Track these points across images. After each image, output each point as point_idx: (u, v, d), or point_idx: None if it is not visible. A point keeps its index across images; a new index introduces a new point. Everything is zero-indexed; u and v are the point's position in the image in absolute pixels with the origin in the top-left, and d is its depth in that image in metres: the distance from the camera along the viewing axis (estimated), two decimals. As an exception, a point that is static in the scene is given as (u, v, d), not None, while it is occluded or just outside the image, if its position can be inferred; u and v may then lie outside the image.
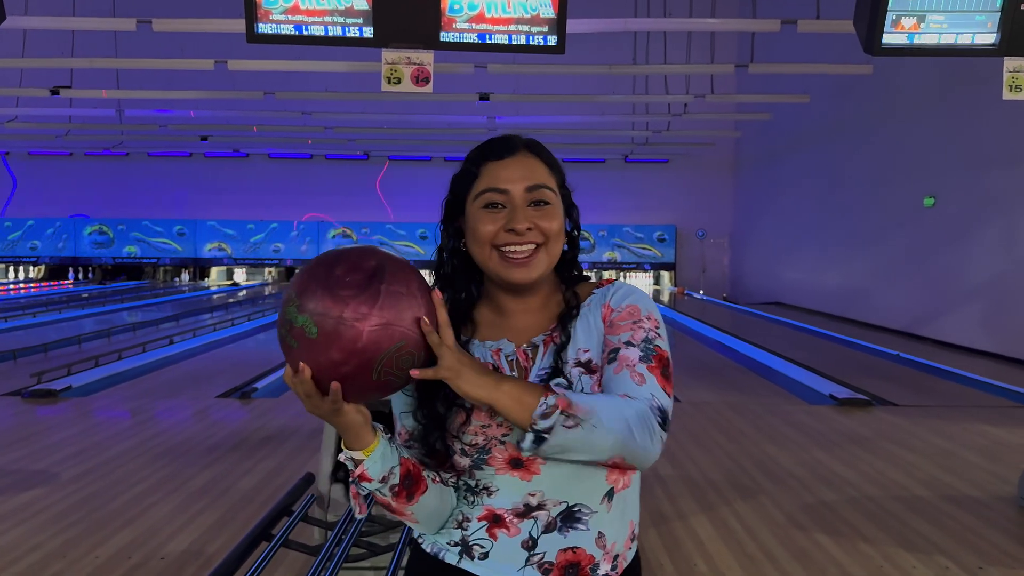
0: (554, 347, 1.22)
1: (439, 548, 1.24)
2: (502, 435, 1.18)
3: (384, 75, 4.76)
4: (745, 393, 7.11)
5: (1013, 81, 4.92)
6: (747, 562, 3.24)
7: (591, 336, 1.23)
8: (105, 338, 10.28)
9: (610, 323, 1.23)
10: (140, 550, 3.28)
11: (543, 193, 1.23)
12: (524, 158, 1.25)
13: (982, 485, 4.33)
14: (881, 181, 12.86)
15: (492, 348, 1.25)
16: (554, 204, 1.24)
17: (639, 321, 1.21)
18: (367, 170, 22.67)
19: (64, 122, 17.21)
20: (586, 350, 1.22)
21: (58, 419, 5.79)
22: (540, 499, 1.18)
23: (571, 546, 1.18)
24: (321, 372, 1.05)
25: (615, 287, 1.29)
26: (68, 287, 21.07)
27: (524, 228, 1.19)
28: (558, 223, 1.23)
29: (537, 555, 1.18)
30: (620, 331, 1.21)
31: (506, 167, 1.23)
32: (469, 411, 1.19)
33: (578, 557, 1.18)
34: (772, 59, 12.81)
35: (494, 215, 1.21)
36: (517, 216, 1.20)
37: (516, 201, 1.21)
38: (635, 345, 1.18)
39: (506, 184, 1.22)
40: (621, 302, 1.25)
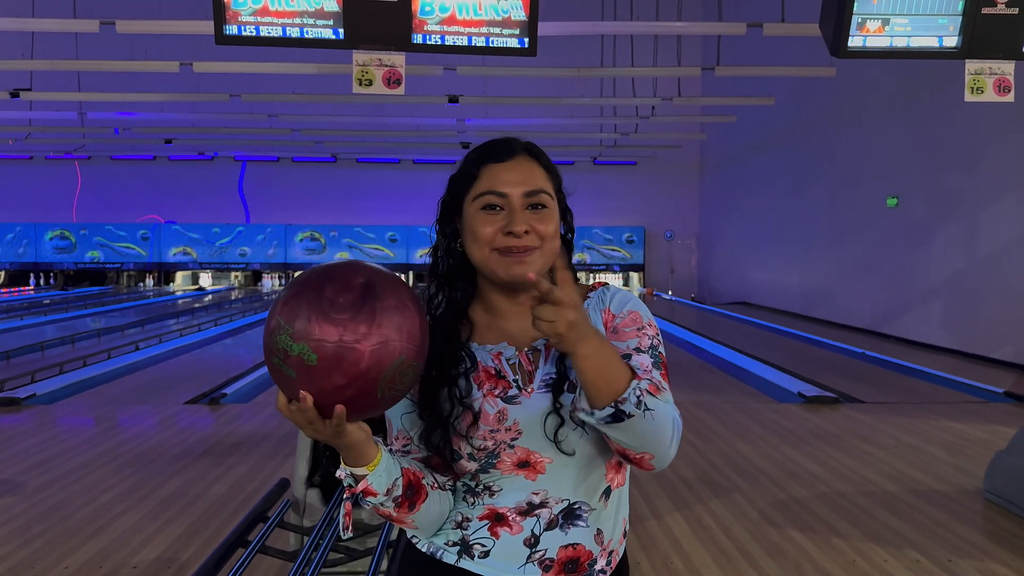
0: (555, 352, 1.23)
1: (436, 548, 1.24)
2: (511, 439, 1.19)
3: (355, 77, 4.73)
4: (715, 392, 7.18)
5: (974, 83, 5.03)
6: (722, 559, 3.27)
7: None
8: (69, 345, 10.10)
9: (614, 329, 1.25)
10: (110, 559, 3.23)
11: (541, 198, 1.24)
12: (523, 162, 1.26)
13: (948, 479, 4.42)
14: (845, 182, 13.07)
15: (492, 352, 1.25)
16: (551, 208, 1.25)
17: (643, 328, 1.24)
18: (335, 173, 22.52)
19: (24, 125, 16.87)
20: None
21: (22, 427, 5.67)
22: (543, 497, 1.20)
23: (572, 543, 1.20)
24: (324, 398, 1.03)
25: (611, 292, 1.30)
26: (29, 293, 20.65)
27: (522, 231, 1.21)
28: (554, 226, 1.25)
29: (539, 552, 1.20)
30: (627, 337, 1.23)
31: (505, 170, 1.25)
32: (477, 413, 1.20)
33: (578, 553, 1.21)
34: (738, 62, 12.97)
35: (492, 217, 1.23)
36: (516, 219, 1.21)
37: (514, 204, 1.22)
38: (644, 352, 1.21)
39: (505, 187, 1.23)
40: (621, 308, 1.27)
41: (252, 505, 3.42)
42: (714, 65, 11.22)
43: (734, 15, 11.16)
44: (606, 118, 17.06)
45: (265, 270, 23.23)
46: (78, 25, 9.26)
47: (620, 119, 16.90)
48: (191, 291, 21.83)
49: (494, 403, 1.21)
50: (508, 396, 1.21)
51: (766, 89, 14.23)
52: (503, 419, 1.20)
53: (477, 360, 1.24)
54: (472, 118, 16.91)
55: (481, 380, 1.23)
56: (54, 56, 11.83)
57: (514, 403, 1.21)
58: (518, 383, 1.23)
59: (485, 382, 1.23)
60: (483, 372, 1.24)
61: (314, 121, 17.48)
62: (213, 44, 5.06)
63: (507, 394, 1.21)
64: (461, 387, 1.21)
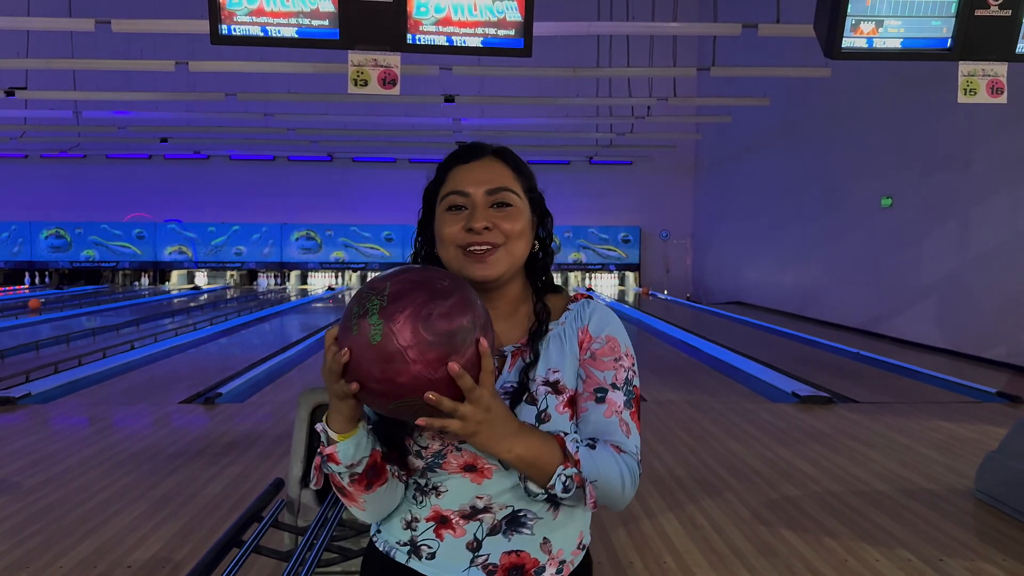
0: (522, 363, 1.23)
1: (390, 547, 1.25)
2: (459, 441, 1.18)
3: (351, 77, 4.74)
4: (709, 392, 7.20)
5: (967, 85, 5.06)
6: (715, 558, 3.29)
7: (563, 357, 1.24)
8: (64, 344, 10.09)
9: (591, 354, 1.24)
10: (105, 559, 3.23)
11: (505, 195, 1.24)
12: (489, 163, 1.27)
13: (939, 479, 4.44)
14: (839, 182, 13.11)
15: None
16: (518, 207, 1.25)
17: (620, 359, 1.24)
18: (331, 172, 22.52)
19: (19, 124, 16.84)
20: (556, 370, 1.22)
21: (17, 427, 5.67)
22: (487, 502, 1.19)
23: (515, 549, 1.19)
24: (356, 369, 1.06)
25: (591, 308, 1.29)
26: (24, 292, 20.61)
27: (480, 227, 1.21)
28: (520, 224, 1.24)
29: (481, 556, 1.18)
30: (604, 368, 1.23)
31: (470, 170, 1.26)
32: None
33: (522, 560, 1.19)
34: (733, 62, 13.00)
35: (456, 216, 1.23)
36: (476, 215, 1.21)
37: (477, 202, 1.23)
38: (619, 388, 1.23)
39: (468, 186, 1.24)
40: (600, 331, 1.26)
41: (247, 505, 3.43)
42: (709, 65, 11.26)
43: (729, 16, 11.18)
44: (602, 118, 17.09)
45: (260, 269, 23.24)
46: (73, 24, 9.26)
47: (616, 119, 16.93)
48: (186, 290, 21.82)
49: None
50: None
51: (761, 89, 14.28)
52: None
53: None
54: (468, 117, 16.93)
55: None
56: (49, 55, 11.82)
57: None
58: None
59: None
60: None
61: (310, 120, 17.50)
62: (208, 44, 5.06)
63: None
64: None
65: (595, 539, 3.40)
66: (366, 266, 22.82)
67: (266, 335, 12.35)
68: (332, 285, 22.84)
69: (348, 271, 23.08)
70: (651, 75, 14.08)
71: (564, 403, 1.21)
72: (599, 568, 3.13)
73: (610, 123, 17.57)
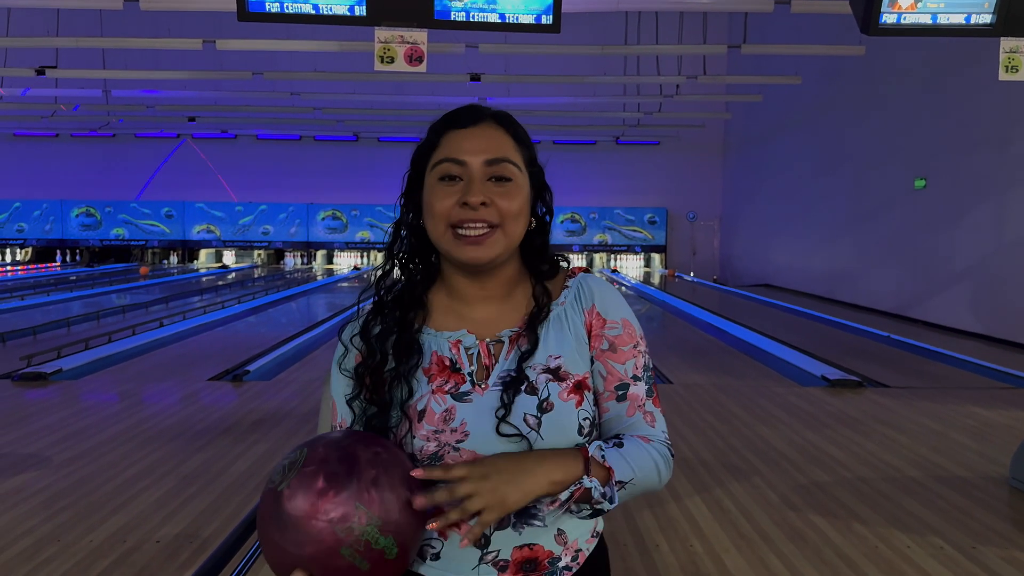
0: (519, 350, 1.14)
1: None
2: (456, 441, 1.10)
3: (377, 54, 4.70)
4: (736, 375, 7.14)
5: (1009, 62, 4.91)
6: (742, 543, 3.26)
7: (565, 340, 1.15)
8: (94, 321, 10.22)
9: (609, 344, 1.17)
10: (134, 534, 3.27)
11: (505, 168, 1.13)
12: (488, 128, 1.15)
13: (972, 466, 4.36)
14: (872, 163, 12.88)
15: (451, 340, 1.16)
16: (517, 182, 1.14)
17: (637, 344, 1.18)
18: (357, 152, 22.55)
19: (50, 103, 17.02)
20: (556, 356, 1.14)
21: (48, 402, 5.75)
22: None
23: (527, 543, 1.11)
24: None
25: (589, 285, 1.20)
26: (56, 269, 20.93)
27: (477, 202, 1.10)
28: (519, 203, 1.14)
29: (491, 553, 1.11)
30: (625, 358, 1.17)
31: (467, 137, 1.14)
32: (421, 411, 1.12)
33: (535, 553, 1.12)
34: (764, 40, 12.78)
35: (449, 188, 1.12)
36: (472, 189, 1.10)
37: (474, 174, 1.11)
38: (640, 379, 1.17)
39: (464, 155, 1.12)
40: (611, 313, 1.18)
41: (273, 482, 3.45)
42: (740, 43, 11.06)
43: (761, -8, 10.96)
44: (629, 97, 16.91)
45: (287, 248, 23.39)
46: (102, 2, 9.31)
47: (643, 98, 16.74)
48: (214, 269, 22.03)
49: (442, 400, 1.11)
50: (459, 392, 1.11)
51: (792, 68, 14.01)
52: (449, 419, 1.10)
53: (432, 350, 1.15)
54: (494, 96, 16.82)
55: (432, 372, 1.13)
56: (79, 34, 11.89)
57: (464, 400, 1.11)
58: (472, 377, 1.13)
59: (436, 375, 1.13)
60: (435, 363, 1.14)
61: (336, 100, 17.49)
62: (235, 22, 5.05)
63: (458, 390, 1.12)
64: (403, 392, 1.13)
65: (620, 522, 3.38)
66: (391, 246, 22.87)
67: (293, 314, 12.43)
68: (358, 265, 22.94)
69: (373, 251, 23.16)
70: (680, 53, 13.86)
71: (569, 390, 1.13)
72: (625, 551, 3.11)
73: (638, 102, 17.37)
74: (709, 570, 3.01)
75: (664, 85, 15.58)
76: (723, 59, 17.64)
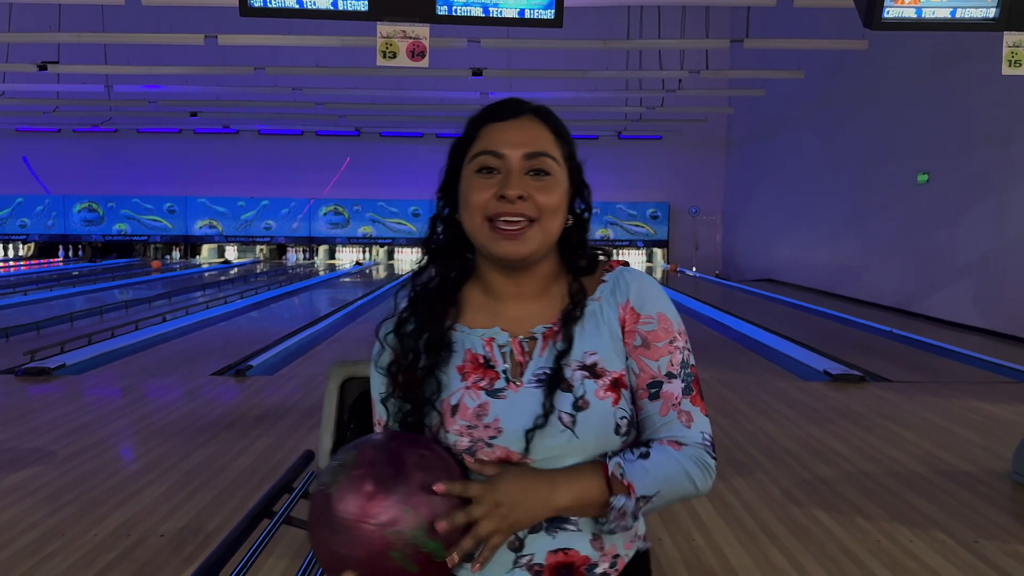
0: (554, 346, 1.12)
1: None
2: (489, 437, 1.08)
3: (379, 49, 4.69)
4: (739, 370, 7.13)
5: (1012, 56, 4.89)
6: (745, 537, 3.26)
7: (600, 336, 1.13)
8: (97, 316, 10.24)
9: (642, 340, 1.14)
10: (138, 528, 3.28)
11: (543, 162, 1.11)
12: (528, 122, 1.14)
13: (976, 460, 4.36)
14: (875, 158, 12.85)
15: (484, 337, 1.14)
16: (556, 176, 1.12)
17: (674, 339, 1.15)
18: (359, 146, 22.53)
19: (52, 98, 17.01)
20: (592, 352, 1.12)
21: (52, 397, 5.76)
22: None
23: (561, 547, 1.09)
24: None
25: (626, 279, 1.18)
26: (58, 265, 20.95)
27: (515, 195, 1.08)
28: (557, 197, 1.12)
29: (525, 556, 1.09)
30: (659, 355, 1.13)
31: (506, 129, 1.12)
32: (455, 406, 1.10)
33: (570, 558, 1.09)
34: (767, 34, 12.74)
35: (487, 180, 1.10)
36: (510, 182, 1.09)
37: (512, 166, 1.10)
38: (676, 376, 1.14)
39: (503, 147, 1.10)
40: (646, 307, 1.15)
41: (277, 476, 3.46)
42: (743, 37, 11.03)
43: (764, -14, 10.93)
44: (631, 91, 16.87)
45: (289, 244, 23.40)
46: (104, -3, 9.29)
47: (646, 92, 16.70)
48: (217, 264, 22.04)
49: (476, 396, 1.10)
50: (493, 389, 1.10)
51: (795, 62, 13.98)
52: (483, 414, 1.09)
53: (465, 347, 1.14)
54: (496, 91, 16.80)
55: (467, 370, 1.12)
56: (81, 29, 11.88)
57: (499, 397, 1.09)
58: (507, 374, 1.11)
59: (471, 372, 1.12)
60: (470, 361, 1.13)
61: (338, 95, 17.46)
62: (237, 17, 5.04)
63: (493, 386, 1.10)
64: (432, 386, 1.12)
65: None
66: (393, 241, 22.89)
67: (295, 309, 12.44)
68: (360, 260, 22.95)
69: (375, 246, 23.17)
70: (683, 47, 13.85)
71: (605, 387, 1.10)
72: (628, 545, 3.11)
73: (640, 97, 17.34)
74: (712, 564, 3.02)
75: (666, 80, 15.55)
76: (726, 53, 17.62)
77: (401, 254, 23.07)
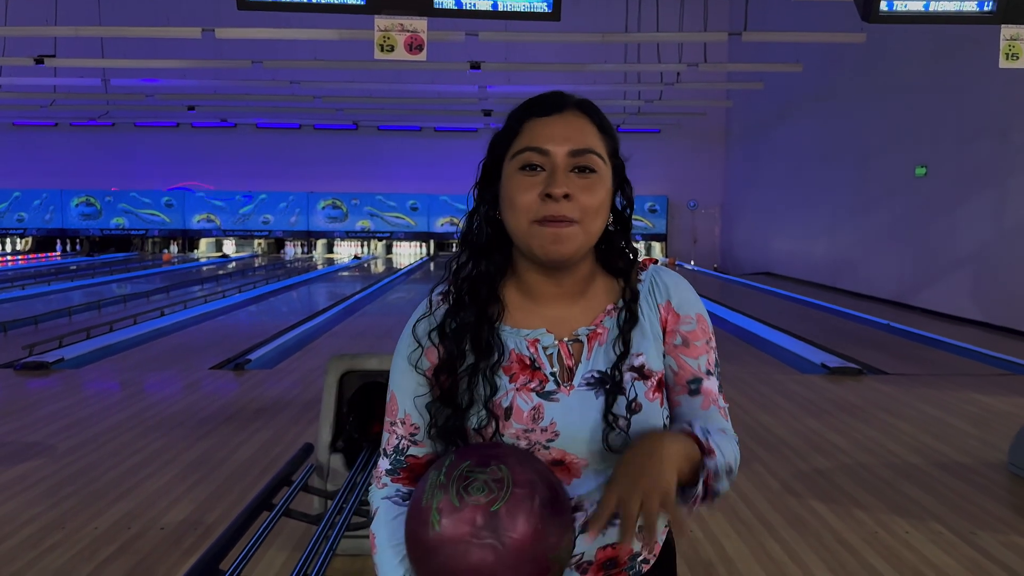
0: (600, 346, 1.11)
1: None
2: (547, 440, 1.07)
3: (377, 43, 4.69)
4: (737, 363, 7.15)
5: (1010, 49, 4.90)
6: (743, 528, 3.28)
7: (645, 338, 1.12)
8: (95, 310, 10.23)
9: (683, 340, 1.13)
10: (138, 521, 3.29)
11: (590, 159, 1.08)
12: (572, 117, 1.10)
13: (972, 452, 4.38)
14: (873, 150, 12.86)
15: (529, 338, 1.11)
16: (600, 174, 1.09)
17: (710, 340, 1.15)
18: (357, 140, 22.49)
19: (49, 92, 16.97)
20: (639, 354, 1.11)
21: (51, 391, 5.77)
22: (578, 501, 1.09)
23: (610, 543, 1.10)
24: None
25: (665, 279, 1.17)
26: (56, 259, 20.93)
27: (560, 194, 1.04)
28: (601, 197, 1.09)
29: (575, 556, 1.08)
30: (697, 353, 1.14)
31: (550, 125, 1.08)
32: (508, 409, 1.08)
33: (617, 552, 1.10)
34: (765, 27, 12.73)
35: (532, 179, 1.07)
36: (556, 180, 1.05)
37: (557, 163, 1.06)
38: (712, 374, 1.15)
39: (548, 143, 1.07)
40: (686, 308, 1.15)
41: (276, 469, 3.47)
42: (741, 30, 11.02)
43: (762, -21, 10.93)
44: (630, 84, 16.86)
45: (288, 238, 23.37)
46: (101, -9, 9.25)
47: (644, 86, 16.69)
48: (215, 258, 22.02)
49: (528, 399, 1.08)
50: (545, 391, 1.08)
51: (794, 55, 13.95)
52: (538, 417, 1.07)
53: (509, 348, 1.11)
54: (494, 85, 16.77)
55: (513, 371, 1.10)
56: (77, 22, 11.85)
57: (551, 400, 1.08)
58: (556, 377, 1.09)
59: (519, 374, 1.09)
60: (516, 362, 1.10)
61: (335, 88, 17.43)
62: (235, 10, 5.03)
63: (544, 389, 1.08)
64: (485, 389, 1.08)
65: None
66: (391, 235, 22.86)
67: (294, 303, 12.44)
68: (358, 254, 22.93)
69: (374, 240, 23.14)
70: (681, 40, 13.81)
71: (653, 388, 1.10)
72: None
73: (638, 90, 17.32)
74: (709, 555, 3.03)
75: (665, 73, 15.52)
76: (724, 46, 17.57)
77: (399, 248, 23.05)
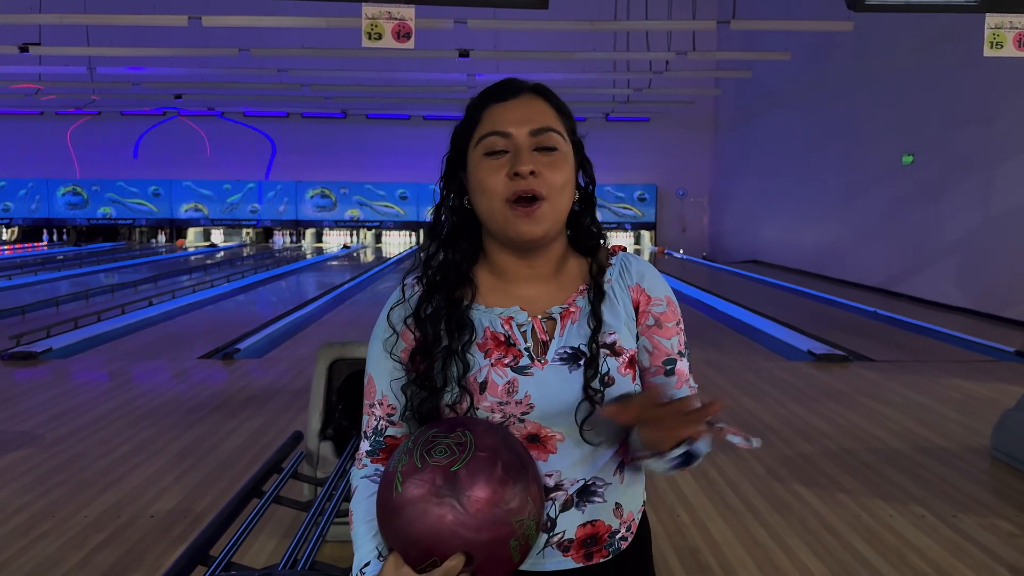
0: (572, 324, 1.14)
1: None
2: (521, 413, 1.09)
3: (364, 30, 4.68)
4: (724, 350, 7.20)
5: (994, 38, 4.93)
6: (728, 513, 3.32)
7: (617, 317, 1.16)
8: (83, 300, 10.19)
9: (656, 321, 1.18)
10: (128, 509, 3.30)
11: (550, 137, 1.12)
12: (530, 99, 1.15)
13: (956, 437, 4.44)
14: (860, 139, 12.91)
15: (503, 316, 1.14)
16: (563, 151, 1.13)
17: (679, 322, 1.20)
18: (345, 129, 22.39)
19: (34, 80, 16.80)
20: (612, 332, 1.14)
21: (39, 381, 5.76)
22: (557, 479, 1.10)
23: (589, 520, 1.12)
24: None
25: (633, 264, 1.21)
26: (43, 249, 20.79)
27: (527, 171, 1.08)
28: (565, 176, 1.13)
29: (556, 535, 1.11)
30: (670, 335, 1.18)
31: (509, 109, 1.13)
32: (483, 383, 1.10)
33: (596, 529, 1.13)
34: (753, 16, 12.73)
35: (498, 162, 1.10)
36: (521, 158, 1.09)
37: (520, 144, 1.10)
38: (684, 355, 1.19)
39: (509, 126, 1.11)
40: (655, 290, 1.19)
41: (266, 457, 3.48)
42: (729, 19, 11.02)
43: (750, -33, 10.93)
44: (619, 73, 16.85)
45: (276, 227, 23.28)
46: (85, -22, 9.17)
47: (633, 74, 16.68)
48: (203, 247, 21.92)
49: (503, 373, 1.10)
50: (519, 366, 1.11)
51: (782, 44, 13.98)
52: (513, 390, 1.09)
53: (484, 326, 1.14)
54: (483, 73, 16.73)
55: (488, 347, 1.12)
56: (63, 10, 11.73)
57: (526, 374, 1.10)
58: (530, 352, 1.12)
59: (493, 350, 1.12)
60: (490, 338, 1.13)
61: (323, 76, 17.34)
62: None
63: (518, 363, 1.11)
64: (458, 367, 1.11)
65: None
66: (381, 224, 22.81)
67: (282, 292, 12.42)
68: (347, 243, 22.87)
69: (363, 229, 23.09)
70: (670, 28, 13.82)
71: (625, 364, 1.14)
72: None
73: (627, 78, 17.31)
74: (695, 540, 3.07)
75: (654, 61, 15.52)
76: (712, 35, 17.57)
77: (389, 237, 23.01)
